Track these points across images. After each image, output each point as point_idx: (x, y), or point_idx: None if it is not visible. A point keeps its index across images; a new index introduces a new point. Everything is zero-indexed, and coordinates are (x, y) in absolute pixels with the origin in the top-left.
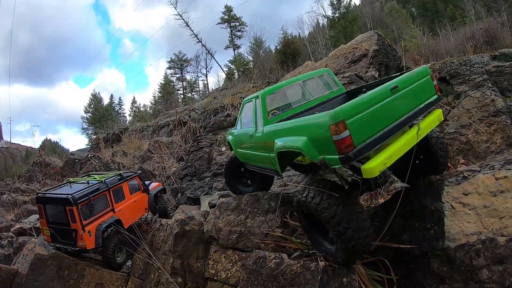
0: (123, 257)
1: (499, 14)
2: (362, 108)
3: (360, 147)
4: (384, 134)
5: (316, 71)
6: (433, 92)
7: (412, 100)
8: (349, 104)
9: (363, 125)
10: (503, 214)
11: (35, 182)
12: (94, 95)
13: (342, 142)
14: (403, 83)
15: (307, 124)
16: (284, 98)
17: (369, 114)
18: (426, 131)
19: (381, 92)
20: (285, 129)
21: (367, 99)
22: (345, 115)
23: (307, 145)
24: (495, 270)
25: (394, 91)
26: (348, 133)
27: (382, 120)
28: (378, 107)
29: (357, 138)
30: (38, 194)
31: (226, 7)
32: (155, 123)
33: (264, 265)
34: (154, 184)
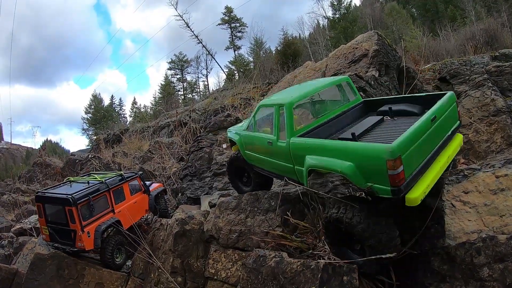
0: (122, 258)
1: (499, 15)
2: (413, 142)
3: (409, 179)
4: (426, 164)
5: (336, 79)
6: (457, 118)
7: (445, 128)
8: (403, 139)
9: (412, 158)
10: (504, 212)
11: (36, 182)
12: (95, 96)
13: (397, 176)
14: (440, 112)
15: (357, 151)
16: (307, 108)
17: (417, 146)
18: (453, 156)
19: (425, 124)
20: (323, 148)
21: (416, 132)
22: (401, 150)
23: (354, 171)
24: (496, 268)
25: (434, 121)
26: (403, 168)
27: (425, 151)
28: (423, 139)
29: (407, 171)
30: (38, 193)
31: (226, 8)
32: (156, 124)
33: (264, 264)
34: (155, 185)
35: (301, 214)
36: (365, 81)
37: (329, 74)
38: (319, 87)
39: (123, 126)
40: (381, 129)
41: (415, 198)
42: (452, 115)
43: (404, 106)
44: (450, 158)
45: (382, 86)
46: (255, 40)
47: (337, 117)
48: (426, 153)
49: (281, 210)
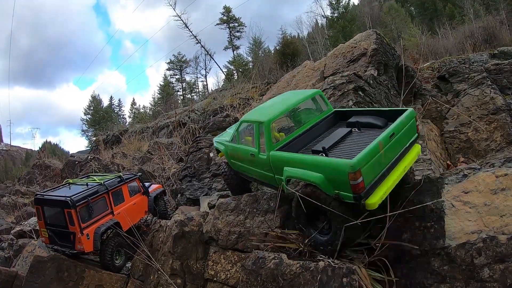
0: (122, 260)
1: (497, 13)
2: (372, 156)
3: (369, 188)
4: (384, 174)
5: (309, 94)
6: (415, 131)
7: (403, 141)
8: (363, 155)
9: (371, 169)
10: (504, 212)
11: (35, 184)
12: (94, 97)
13: (357, 186)
14: (398, 129)
15: (325, 165)
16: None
17: (375, 160)
18: (410, 166)
19: (383, 140)
20: (297, 161)
21: (374, 149)
22: (360, 164)
23: (324, 181)
24: (496, 268)
25: (392, 137)
26: (362, 179)
27: (383, 163)
28: (380, 154)
29: (366, 180)
30: (37, 196)
31: (225, 8)
32: (155, 125)
33: (263, 266)
34: (154, 186)
35: None
36: (364, 80)
37: (328, 73)
38: (294, 103)
39: (123, 127)
40: (348, 141)
41: (373, 203)
42: (411, 129)
43: (370, 119)
44: (407, 168)
45: (381, 85)
46: (254, 40)
47: (312, 128)
48: (384, 164)
49: (280, 211)
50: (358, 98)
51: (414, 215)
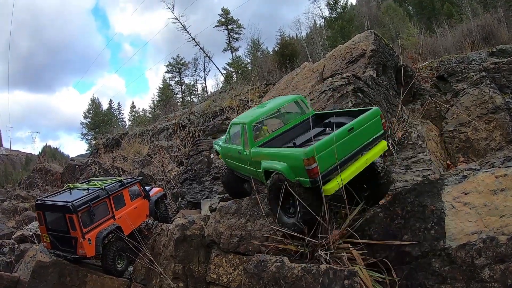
0: (124, 264)
1: (495, 11)
2: (326, 146)
3: (324, 174)
4: (342, 163)
5: (291, 97)
6: (381, 128)
7: (364, 136)
8: (318, 144)
9: (326, 158)
10: (504, 213)
11: (36, 188)
12: (93, 101)
13: (311, 170)
14: (358, 125)
15: (287, 155)
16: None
17: (331, 150)
18: (372, 159)
19: (340, 133)
20: (270, 154)
21: (330, 140)
22: (314, 152)
23: (287, 169)
24: (497, 269)
25: (350, 131)
26: (316, 165)
27: (340, 153)
28: (337, 145)
29: (322, 167)
30: (38, 201)
31: (223, 9)
32: (155, 127)
33: (265, 269)
34: (155, 190)
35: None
36: (363, 81)
37: (327, 75)
38: (274, 107)
39: (122, 130)
40: (319, 139)
41: (329, 188)
42: (374, 126)
43: (343, 119)
44: (368, 161)
45: (380, 86)
46: (252, 42)
47: (292, 128)
48: (342, 154)
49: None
50: (358, 100)
51: (414, 217)
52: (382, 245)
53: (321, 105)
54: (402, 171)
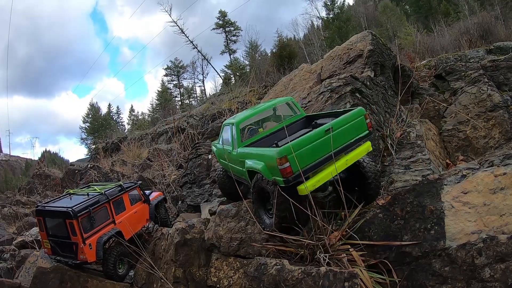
0: (125, 269)
1: (492, 8)
2: (300, 146)
3: (297, 174)
4: (317, 163)
5: (281, 99)
6: (365, 129)
7: (345, 136)
8: (291, 144)
9: (301, 158)
10: (503, 212)
11: (36, 194)
12: (92, 105)
13: (284, 170)
14: (337, 125)
15: (264, 155)
16: (254, 124)
17: (305, 150)
18: (354, 160)
19: (316, 134)
20: (251, 154)
21: (304, 140)
22: (286, 152)
23: (265, 168)
24: (497, 268)
25: (328, 132)
26: (288, 164)
27: (316, 153)
28: (313, 145)
29: (295, 167)
30: (38, 207)
31: (220, 12)
32: (154, 131)
33: (265, 272)
34: (155, 194)
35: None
36: (361, 82)
37: (325, 76)
38: (262, 109)
39: (122, 134)
40: None
41: (303, 189)
42: (357, 126)
43: (329, 120)
44: (349, 162)
45: (378, 86)
46: (250, 43)
47: (281, 130)
48: (319, 155)
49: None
50: (356, 100)
51: (414, 217)
52: (382, 246)
53: (319, 106)
54: (401, 171)
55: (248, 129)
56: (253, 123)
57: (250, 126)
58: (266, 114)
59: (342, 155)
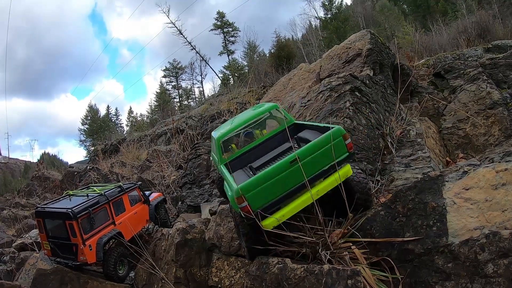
0: (125, 270)
1: (490, 7)
2: (260, 183)
3: (262, 209)
4: (282, 198)
5: (266, 107)
6: (344, 151)
7: (317, 163)
8: (249, 181)
9: (260, 195)
10: (506, 207)
11: (35, 196)
12: (91, 107)
13: (243, 209)
14: (305, 153)
15: (230, 185)
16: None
17: (267, 186)
18: (327, 189)
19: (279, 167)
20: (225, 177)
21: (264, 176)
22: (243, 191)
23: (232, 199)
24: (501, 263)
25: (293, 163)
26: (246, 204)
27: (281, 187)
28: (275, 179)
29: (255, 205)
30: (37, 208)
31: (218, 13)
32: (153, 132)
33: (267, 271)
34: (155, 195)
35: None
36: (360, 80)
37: (324, 75)
38: (245, 120)
39: (120, 136)
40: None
41: (267, 224)
42: (334, 150)
43: (308, 135)
44: (320, 192)
45: (377, 85)
46: (249, 44)
47: (267, 140)
48: (285, 188)
49: None
50: (355, 99)
51: (416, 214)
52: (384, 243)
53: (319, 105)
54: (401, 169)
55: (243, 132)
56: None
57: (246, 130)
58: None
59: (317, 182)
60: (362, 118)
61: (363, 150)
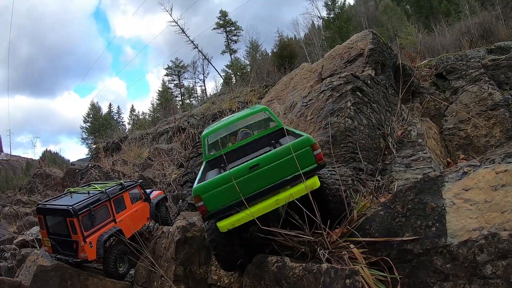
0: (125, 267)
1: (493, 8)
2: (216, 185)
3: (213, 212)
4: (240, 202)
5: (255, 110)
6: (312, 162)
7: (280, 172)
8: (206, 183)
9: (219, 196)
10: (505, 208)
11: (36, 193)
12: (93, 105)
13: (199, 208)
14: (267, 161)
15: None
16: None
17: (224, 189)
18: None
19: (237, 172)
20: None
21: (222, 179)
22: (199, 191)
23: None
24: (499, 265)
25: (253, 169)
26: (202, 203)
27: (237, 192)
28: (233, 184)
29: (210, 206)
30: (38, 205)
31: (221, 12)
32: (155, 131)
33: (266, 269)
34: (156, 193)
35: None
36: (362, 80)
37: (325, 75)
38: (232, 120)
39: (122, 134)
40: None
41: (222, 226)
42: (300, 160)
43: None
44: (280, 202)
45: (379, 85)
46: (251, 43)
47: (252, 142)
48: (243, 193)
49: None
50: (356, 99)
51: (415, 214)
52: (383, 243)
53: (320, 104)
54: (402, 169)
55: (241, 131)
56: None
57: (243, 129)
58: (241, 124)
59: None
60: (363, 118)
61: (364, 150)
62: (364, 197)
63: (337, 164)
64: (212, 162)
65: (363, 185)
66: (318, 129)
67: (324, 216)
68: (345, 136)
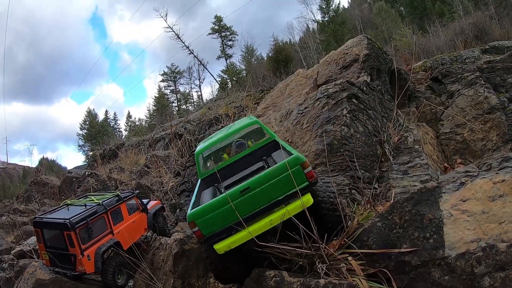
0: (124, 279)
1: (487, 8)
2: (210, 211)
3: (209, 236)
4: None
5: (247, 123)
6: (304, 180)
7: (271, 192)
8: (199, 209)
9: (211, 222)
10: (503, 219)
11: (34, 202)
12: (89, 112)
13: (195, 233)
14: (258, 183)
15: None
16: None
17: (217, 213)
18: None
19: (231, 194)
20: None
21: (215, 204)
22: (194, 217)
23: None
24: (497, 277)
25: (244, 192)
26: (198, 229)
27: (232, 214)
28: (225, 208)
29: (205, 230)
30: (35, 219)
31: (216, 17)
32: (151, 137)
33: (264, 284)
34: (153, 203)
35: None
36: (357, 87)
37: (321, 81)
38: (225, 136)
39: (119, 141)
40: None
41: (219, 248)
42: (290, 179)
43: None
44: (274, 222)
45: (374, 91)
46: (246, 48)
47: (245, 157)
48: (232, 217)
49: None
50: (352, 106)
51: (412, 226)
52: (381, 255)
53: (316, 112)
54: (399, 176)
55: (235, 142)
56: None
57: (238, 140)
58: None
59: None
60: (359, 125)
61: (361, 158)
62: (361, 207)
63: (333, 173)
64: (207, 179)
65: (360, 194)
66: (314, 137)
67: (321, 228)
68: (342, 145)
